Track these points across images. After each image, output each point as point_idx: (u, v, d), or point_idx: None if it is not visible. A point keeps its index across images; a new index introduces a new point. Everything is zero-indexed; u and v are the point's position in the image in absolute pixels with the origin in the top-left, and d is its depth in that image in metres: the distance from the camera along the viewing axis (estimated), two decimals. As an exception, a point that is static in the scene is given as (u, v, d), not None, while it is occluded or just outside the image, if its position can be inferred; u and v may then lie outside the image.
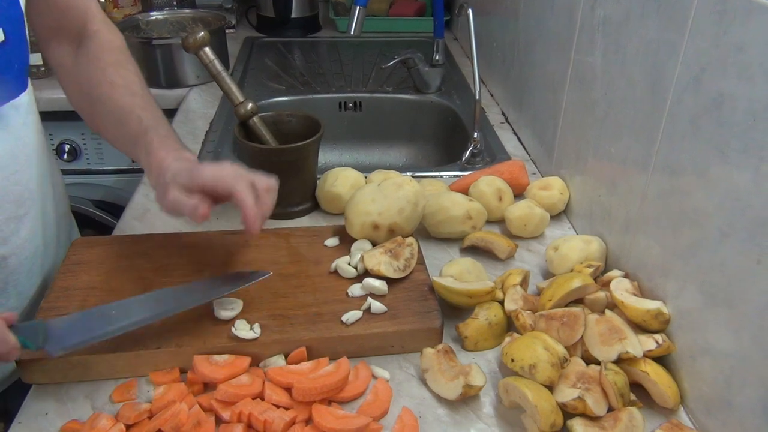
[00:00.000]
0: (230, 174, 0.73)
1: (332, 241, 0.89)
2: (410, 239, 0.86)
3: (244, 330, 0.72)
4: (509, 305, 0.78)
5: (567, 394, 0.66)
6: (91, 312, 0.71)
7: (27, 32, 0.77)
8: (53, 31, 0.87)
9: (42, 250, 0.85)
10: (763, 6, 0.56)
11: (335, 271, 0.83)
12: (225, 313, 0.74)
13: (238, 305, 0.76)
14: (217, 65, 0.95)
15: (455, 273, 0.83)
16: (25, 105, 0.79)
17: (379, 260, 0.81)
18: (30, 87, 0.83)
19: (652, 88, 0.75)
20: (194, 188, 0.72)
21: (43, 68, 1.56)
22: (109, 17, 1.73)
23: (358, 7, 1.20)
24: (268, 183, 0.76)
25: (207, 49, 0.95)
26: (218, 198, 0.73)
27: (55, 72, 0.89)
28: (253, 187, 0.74)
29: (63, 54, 0.88)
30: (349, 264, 0.83)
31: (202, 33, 0.94)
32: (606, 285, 0.80)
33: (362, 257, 0.82)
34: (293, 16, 1.88)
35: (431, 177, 1.13)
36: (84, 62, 0.86)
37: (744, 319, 0.60)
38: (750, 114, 0.58)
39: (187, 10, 1.68)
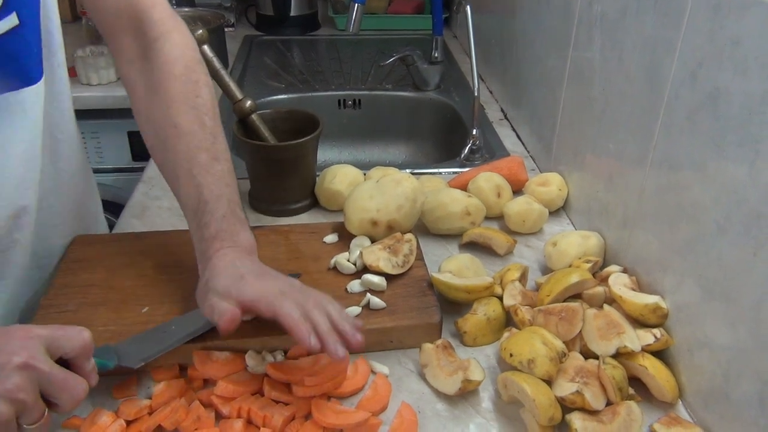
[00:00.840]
0: (273, 291, 0.66)
1: (331, 238, 0.89)
2: (409, 235, 0.86)
3: None
4: (508, 300, 0.78)
5: (565, 388, 0.66)
6: (153, 329, 0.71)
7: (42, 18, 0.74)
8: (110, 26, 0.78)
9: (52, 240, 0.85)
10: (757, 0, 0.56)
11: (334, 268, 0.84)
12: None
13: None
14: (216, 63, 0.96)
15: (454, 269, 0.83)
16: (43, 92, 0.76)
17: (378, 256, 0.81)
18: (66, 79, 0.82)
19: (649, 84, 0.75)
20: (235, 301, 0.66)
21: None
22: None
23: (356, 5, 1.21)
24: (316, 299, 0.67)
25: (205, 47, 0.95)
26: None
27: (125, 88, 0.81)
28: (299, 305, 0.65)
29: (125, 62, 0.79)
30: (348, 260, 0.84)
31: (201, 31, 0.94)
32: (604, 280, 0.80)
33: (361, 253, 0.82)
34: (292, 14, 1.89)
35: (430, 174, 1.13)
36: (151, 87, 0.76)
37: (740, 313, 0.60)
38: (746, 108, 0.58)
39: (186, 9, 1.69)
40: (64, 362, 0.57)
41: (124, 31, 0.78)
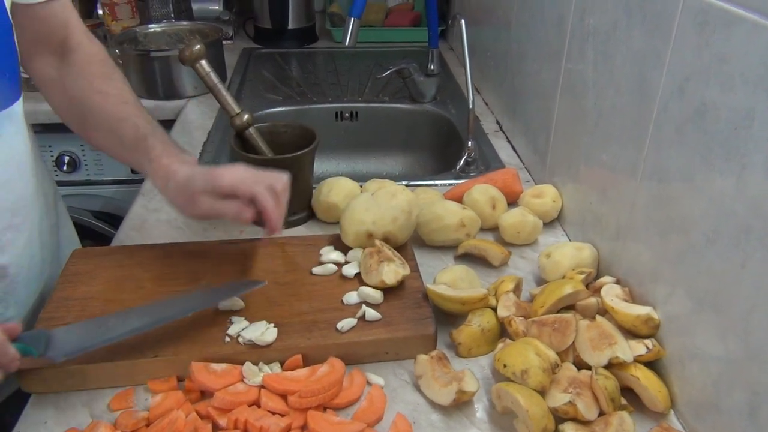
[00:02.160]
0: (249, 178, 0.78)
1: (327, 250, 0.90)
2: (377, 241, 0.86)
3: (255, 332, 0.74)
4: (502, 312, 0.79)
5: (558, 399, 0.67)
6: (91, 321, 0.72)
7: (16, 42, 0.77)
8: (35, 44, 0.87)
9: (40, 259, 0.86)
10: (743, 18, 0.57)
11: (329, 277, 0.85)
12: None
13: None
14: (213, 78, 0.97)
15: (449, 280, 0.84)
16: (18, 114, 0.79)
17: (395, 270, 0.81)
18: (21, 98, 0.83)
19: (639, 97, 0.76)
20: (216, 194, 0.77)
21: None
22: (107, 30, 1.74)
23: (352, 19, 1.22)
24: (284, 183, 0.80)
25: (203, 62, 0.96)
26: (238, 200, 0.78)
27: (39, 86, 0.90)
28: (271, 189, 0.78)
29: (46, 67, 0.89)
30: (343, 271, 0.85)
31: (198, 46, 0.95)
32: (597, 291, 0.81)
33: (381, 280, 0.80)
34: (290, 27, 1.90)
35: (426, 186, 1.14)
36: (70, 74, 0.88)
37: (730, 324, 0.61)
38: (731, 123, 0.59)
39: (185, 23, 1.70)
40: None
41: (48, 42, 0.88)
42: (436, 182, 1.17)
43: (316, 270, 0.86)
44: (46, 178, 0.93)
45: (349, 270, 0.85)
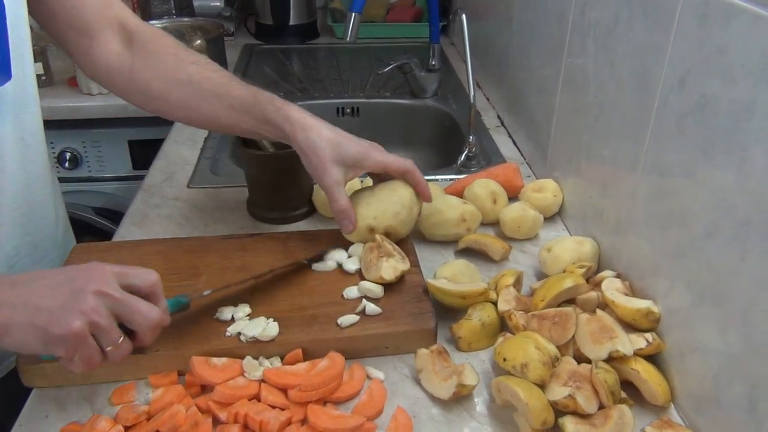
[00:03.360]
0: (394, 156, 0.86)
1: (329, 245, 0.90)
2: (378, 236, 0.86)
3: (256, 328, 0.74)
4: (502, 306, 0.79)
5: (558, 392, 0.67)
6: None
7: (11, 27, 0.74)
8: (85, 32, 0.85)
9: (30, 248, 0.85)
10: (743, 9, 0.57)
11: (330, 272, 0.85)
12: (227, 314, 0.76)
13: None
14: (214, 73, 0.97)
15: (449, 275, 0.84)
16: (8, 97, 0.76)
17: (394, 265, 0.81)
18: (35, 85, 0.83)
19: (640, 91, 0.76)
20: (349, 166, 0.83)
21: (44, 77, 1.57)
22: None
23: (353, 14, 1.22)
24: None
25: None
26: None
27: (104, 77, 0.88)
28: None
29: (113, 53, 0.86)
30: (344, 267, 0.85)
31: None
32: (598, 285, 0.81)
33: (380, 276, 0.80)
34: (291, 23, 1.91)
35: (427, 180, 1.14)
36: (149, 53, 0.86)
37: (730, 317, 0.61)
38: (732, 115, 0.59)
39: (186, 19, 1.70)
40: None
41: (108, 28, 0.86)
42: (437, 177, 1.17)
43: (316, 265, 0.86)
44: (47, 171, 0.91)
45: (350, 265, 0.85)
